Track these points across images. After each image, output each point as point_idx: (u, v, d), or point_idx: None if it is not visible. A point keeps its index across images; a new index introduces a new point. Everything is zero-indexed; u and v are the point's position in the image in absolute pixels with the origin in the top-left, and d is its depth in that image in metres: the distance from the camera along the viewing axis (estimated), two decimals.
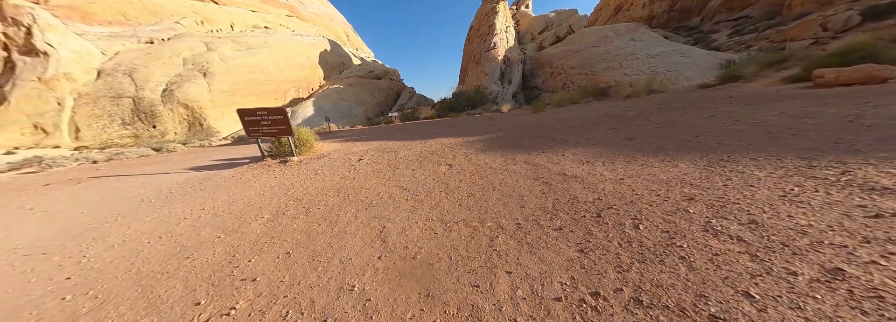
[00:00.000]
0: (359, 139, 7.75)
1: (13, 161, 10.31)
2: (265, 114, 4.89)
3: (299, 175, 4.29)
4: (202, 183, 4.16)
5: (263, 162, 5.06)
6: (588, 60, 17.39)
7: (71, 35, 18.54)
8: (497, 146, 4.73)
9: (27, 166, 8.81)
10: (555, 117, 7.59)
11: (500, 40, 21.81)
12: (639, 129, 4.35)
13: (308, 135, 5.57)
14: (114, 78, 18.63)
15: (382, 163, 4.55)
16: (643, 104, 7.32)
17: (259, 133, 4.97)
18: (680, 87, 11.16)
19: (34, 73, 17.07)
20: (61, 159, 9.23)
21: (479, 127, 7.67)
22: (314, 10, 29.92)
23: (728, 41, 17.26)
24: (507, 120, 8.77)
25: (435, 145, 5.52)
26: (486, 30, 22.94)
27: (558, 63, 19.28)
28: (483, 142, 5.30)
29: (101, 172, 5.75)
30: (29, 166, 8.71)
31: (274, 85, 21.87)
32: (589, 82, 16.33)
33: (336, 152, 5.68)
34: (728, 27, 20.06)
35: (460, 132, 7.06)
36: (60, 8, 18.60)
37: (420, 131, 8.39)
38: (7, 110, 16.43)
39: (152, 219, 3.01)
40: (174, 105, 18.75)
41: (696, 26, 22.60)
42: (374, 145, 6.30)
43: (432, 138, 6.51)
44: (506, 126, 7.15)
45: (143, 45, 20.40)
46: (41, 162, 8.72)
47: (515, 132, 5.91)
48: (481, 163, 3.83)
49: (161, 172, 5.14)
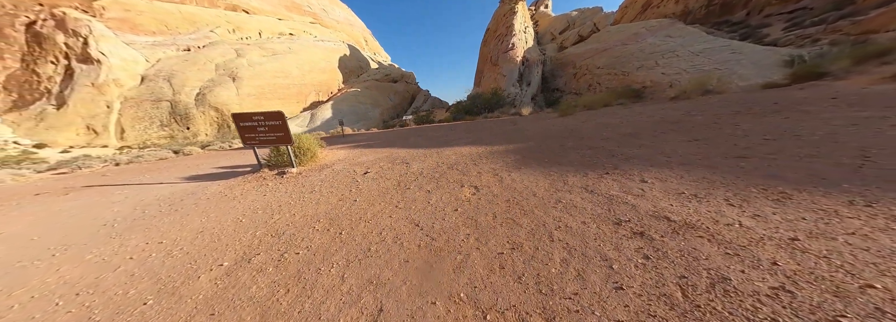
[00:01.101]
0: (369, 145, 6.93)
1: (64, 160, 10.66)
2: (262, 119, 4.16)
3: (292, 193, 3.47)
4: (183, 200, 3.46)
5: (260, 173, 4.33)
6: (617, 59, 15.63)
7: (120, 44, 19.65)
8: (533, 161, 3.64)
9: (63, 166, 8.89)
10: (592, 122, 6.32)
11: (519, 41, 20.48)
12: (737, 142, 3.08)
13: (310, 143, 4.79)
14: (155, 83, 19.49)
15: (391, 179, 3.63)
16: (705, 106, 5.87)
17: (255, 141, 4.25)
18: (735, 86, 9.36)
19: (89, 78, 18.17)
20: (91, 160, 9.31)
21: (502, 133, 6.57)
22: (336, 16, 30.18)
23: (786, 36, 14.79)
24: (533, 124, 7.58)
25: (453, 156, 4.53)
26: (503, 31, 21.70)
27: (582, 63, 17.62)
28: (512, 153, 4.22)
29: (103, 179, 5.35)
30: (63, 167, 8.79)
31: (296, 89, 22.01)
32: (619, 83, 14.61)
33: (341, 163, 4.85)
34: (782, 20, 17.36)
35: (481, 139, 6.01)
36: (113, 20, 19.78)
37: (436, 137, 7.43)
38: (66, 113, 17.57)
39: (94, 257, 2.26)
40: (206, 108, 19.27)
41: (740, 21, 19.89)
42: (385, 154, 5.42)
43: (450, 146, 5.52)
44: (534, 132, 6.01)
45: (181, 52, 21.30)
46: (72, 163, 8.78)
47: (551, 141, 4.76)
48: (518, 186, 2.78)
49: (154, 182, 4.58)
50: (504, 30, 21.57)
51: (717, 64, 12.11)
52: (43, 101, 17.57)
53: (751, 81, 10.15)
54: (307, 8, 28.14)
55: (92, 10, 19.39)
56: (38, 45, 17.79)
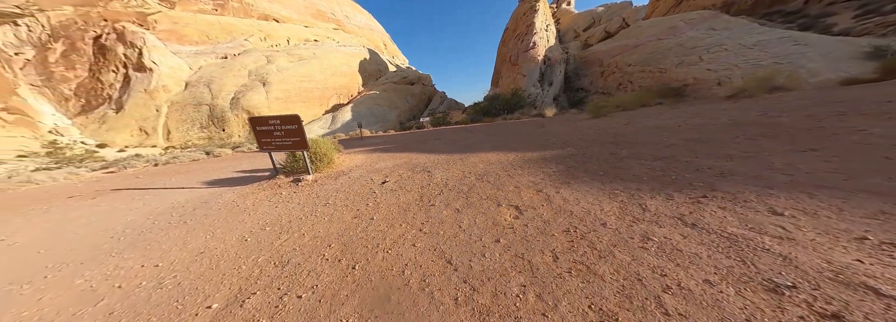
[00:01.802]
0: (387, 149, 6.52)
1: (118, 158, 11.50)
2: (278, 123, 3.84)
3: (305, 205, 3.07)
4: (195, 210, 3.19)
5: (275, 180, 4.02)
6: (652, 56, 14.12)
7: (168, 53, 21.25)
8: (583, 173, 2.95)
9: (113, 166, 9.45)
10: (637, 124, 5.41)
11: (540, 39, 19.38)
12: (890, 154, 2.19)
13: (327, 148, 4.42)
14: (197, 88, 20.82)
15: (412, 191, 3.11)
16: (782, 106, 4.76)
17: (271, 146, 3.95)
18: (805, 83, 7.84)
19: (142, 85, 19.78)
20: (137, 160, 9.87)
21: (530, 136, 5.85)
22: (357, 22, 30.75)
23: (860, 24, 12.54)
24: (563, 127, 6.76)
25: (481, 164, 3.93)
26: (523, 29, 20.69)
27: (611, 61, 16.21)
28: (551, 162, 3.54)
29: (135, 181, 5.39)
30: (113, 167, 9.36)
31: (319, 92, 22.54)
32: (654, 81, 13.16)
33: (357, 169, 4.44)
34: (850, 8, 14.81)
35: (507, 143, 5.35)
36: (163, 31, 21.45)
37: (456, 140, 6.86)
38: (123, 116, 19.24)
39: (83, 282, 1.95)
40: (239, 111, 20.24)
41: (796, 10, 17.32)
42: (404, 159, 4.95)
43: (474, 152, 4.93)
44: (568, 136, 5.23)
45: (219, 60, 22.65)
46: (118, 164, 9.31)
47: (595, 147, 4.01)
48: (574, 208, 2.13)
49: (176, 186, 4.45)
50: (524, 28, 20.57)
51: (777, 57, 10.41)
52: (105, 106, 19.36)
53: (822, 77, 8.51)
54: (331, 15, 28.91)
55: (146, 23, 21.10)
56: (103, 56, 19.64)
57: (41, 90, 18.46)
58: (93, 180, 6.21)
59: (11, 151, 14.31)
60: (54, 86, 18.80)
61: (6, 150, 14.28)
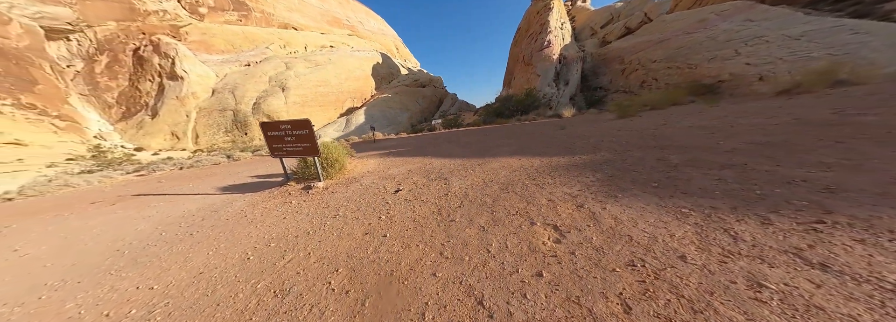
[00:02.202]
0: (400, 153, 6.24)
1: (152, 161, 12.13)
2: (289, 128, 3.65)
3: (314, 216, 2.81)
4: (203, 221, 3.03)
5: (286, 187, 3.83)
6: (679, 51, 13.07)
7: (198, 62, 22.48)
8: (629, 183, 2.48)
9: (144, 169, 9.90)
10: (677, 125, 4.78)
11: (555, 38, 18.63)
12: None
13: (338, 153, 4.19)
14: (222, 95, 21.85)
15: (429, 203, 2.77)
16: (861, 103, 3.99)
17: (282, 151, 3.77)
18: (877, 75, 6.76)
19: (174, 92, 21.01)
20: (165, 164, 10.30)
21: (553, 139, 5.35)
22: (370, 27, 31.26)
23: None
24: (588, 128, 6.19)
25: (503, 171, 3.53)
26: (537, 28, 20.00)
27: (632, 57, 15.21)
28: (586, 170, 3.08)
29: (156, 186, 5.45)
30: (144, 170, 9.80)
31: (334, 96, 22.96)
32: (683, 77, 12.13)
33: (370, 175, 4.17)
34: None
35: (529, 147, 4.89)
36: (193, 42, 22.75)
37: (471, 143, 6.47)
38: (157, 121, 20.50)
39: (73, 307, 1.76)
40: (260, 115, 20.98)
41: None
42: (417, 164, 4.63)
43: (493, 156, 4.52)
44: (599, 139, 4.70)
45: (242, 67, 23.70)
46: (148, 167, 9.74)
47: (635, 151, 3.49)
48: (635, 234, 1.69)
49: (192, 192, 4.39)
50: (538, 27, 19.90)
51: (831, 48, 9.19)
52: (142, 112, 20.71)
53: (890, 68, 7.34)
54: (346, 21, 29.57)
55: (178, 35, 22.46)
56: (141, 67, 21.07)
57: (88, 99, 20.04)
58: (122, 184, 6.40)
59: (62, 155, 15.45)
60: (99, 95, 20.37)
61: (58, 153, 15.43)
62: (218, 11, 24.06)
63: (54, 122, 16.98)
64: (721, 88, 10.55)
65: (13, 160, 13.28)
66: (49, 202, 4.71)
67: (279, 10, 26.78)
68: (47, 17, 18.71)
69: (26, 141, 15.19)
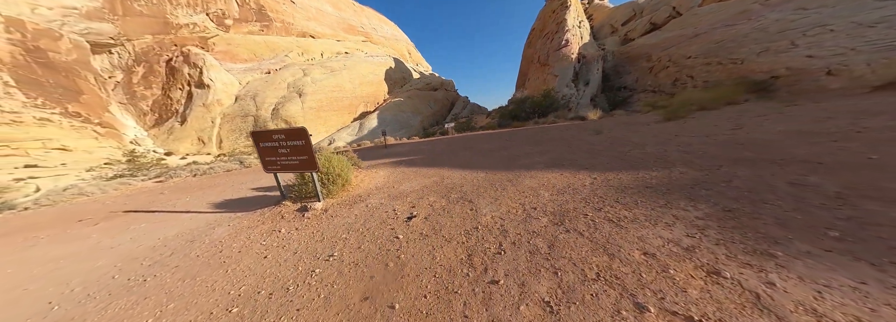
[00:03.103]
0: (413, 162, 5.47)
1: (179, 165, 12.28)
2: (282, 138, 2.98)
3: (301, 258, 2.07)
4: (172, 256, 2.38)
5: (279, 208, 3.15)
6: (720, 45, 11.53)
7: (223, 71, 23.23)
8: (776, 225, 1.51)
9: (162, 176, 9.83)
10: (759, 130, 3.66)
11: (573, 36, 17.41)
12: None
13: (342, 166, 3.48)
14: (244, 101, 22.37)
15: (453, 242, 1.95)
16: None
17: (276, 166, 3.11)
18: None
19: (201, 100, 21.74)
20: (183, 169, 10.23)
21: (593, 147, 4.37)
22: (384, 33, 31.29)
23: None
24: (633, 133, 5.13)
25: (545, 192, 2.64)
26: (553, 27, 18.85)
27: (662, 54, 13.73)
28: (673, 195, 2.12)
29: (158, 198, 5.02)
30: (162, 176, 9.74)
31: (348, 101, 22.89)
32: (726, 74, 10.61)
33: (378, 193, 3.42)
34: None
35: (566, 157, 3.95)
36: (219, 52, 23.58)
37: (492, 151, 5.59)
38: (186, 127, 21.25)
39: None
40: (278, 121, 21.22)
41: None
42: (433, 178, 3.83)
43: (524, 169, 3.64)
44: (658, 147, 3.69)
45: (263, 75, 24.26)
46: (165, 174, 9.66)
47: (733, 168, 2.47)
48: None
49: (183, 210, 3.84)
50: (554, 26, 18.76)
51: None
52: (172, 119, 21.56)
53: None
54: (361, 28, 29.75)
55: (206, 46, 23.34)
56: (172, 76, 22.01)
57: (126, 107, 21.12)
58: (130, 194, 6.10)
59: (101, 160, 16.09)
60: (136, 103, 21.43)
61: (98, 158, 16.07)
62: (242, 22, 24.88)
63: (96, 128, 17.84)
64: (776, 85, 9.00)
65: (58, 165, 13.85)
66: (45, 216, 4.36)
67: (298, 19, 27.36)
68: (93, 32, 19.98)
69: (71, 146, 15.87)
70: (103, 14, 20.32)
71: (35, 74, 16.67)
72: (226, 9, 23.76)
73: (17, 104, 14.89)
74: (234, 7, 24.11)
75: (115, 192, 6.81)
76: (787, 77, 8.82)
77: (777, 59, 9.44)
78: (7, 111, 13.91)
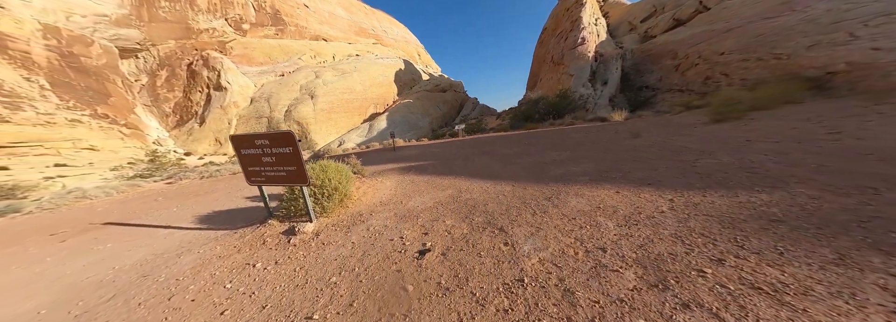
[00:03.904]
0: (424, 168, 4.77)
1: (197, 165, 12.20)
2: (267, 143, 2.35)
3: (276, 311, 1.41)
4: (114, 298, 1.79)
5: (263, 229, 2.53)
6: (760, 39, 10.23)
7: (239, 74, 23.48)
8: None
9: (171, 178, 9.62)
10: (873, 135, 2.73)
11: (590, 34, 16.30)
12: None
13: (340, 177, 2.81)
14: (259, 103, 22.48)
15: (489, 304, 1.22)
16: None
17: (260, 177, 2.49)
18: None
19: (219, 102, 22.01)
20: (190, 173, 10.02)
21: (639, 154, 3.53)
22: (394, 36, 30.98)
23: None
24: (677, 137, 4.22)
25: (604, 219, 1.86)
26: (567, 26, 17.77)
27: (690, 51, 12.47)
28: (834, 234, 1.30)
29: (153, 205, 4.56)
30: (173, 177, 9.53)
31: (359, 102, 22.59)
32: (769, 70, 9.36)
33: (382, 210, 2.74)
34: None
35: (612, 168, 3.13)
36: (236, 56, 23.87)
37: (512, 156, 4.81)
38: (204, 129, 21.54)
39: None
40: (291, 122, 21.17)
41: None
42: (449, 191, 3.12)
43: (561, 182, 2.86)
44: (735, 155, 2.81)
45: (277, 77, 24.38)
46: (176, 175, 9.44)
47: (892, 191, 1.63)
48: None
49: (163, 224, 3.31)
50: (568, 25, 17.70)
51: None
52: (192, 121, 21.91)
53: None
54: (371, 31, 29.56)
55: (224, 50, 23.67)
56: (193, 79, 22.40)
57: (150, 109, 21.63)
58: (129, 198, 5.73)
59: (126, 159, 16.33)
60: (159, 105, 21.94)
61: (123, 157, 16.33)
62: (258, 27, 25.13)
63: (122, 129, 18.22)
64: (832, 82, 7.73)
65: (85, 164, 14.05)
66: (25, 226, 3.97)
67: (311, 23, 27.44)
68: (122, 38, 20.59)
69: (98, 146, 16.13)
70: (131, 21, 20.90)
71: (68, 78, 17.14)
72: (243, 14, 24.06)
73: (51, 106, 15.27)
74: (250, 12, 24.39)
75: (118, 195, 6.50)
76: (849, 73, 7.54)
77: (833, 54, 8.14)
78: (42, 113, 14.27)
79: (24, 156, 12.47)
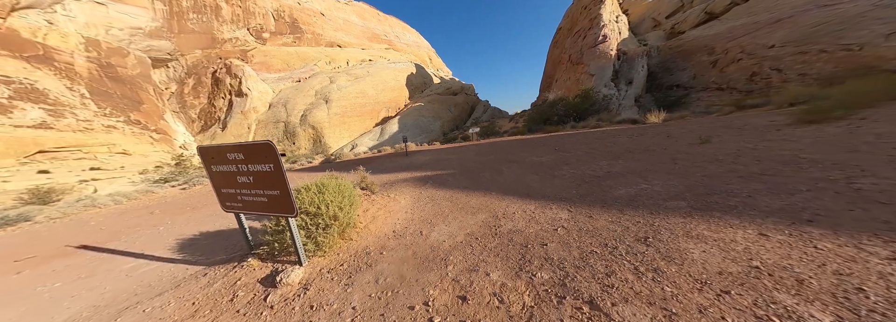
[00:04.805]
0: (443, 181, 3.96)
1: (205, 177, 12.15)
2: (241, 158, 1.66)
3: None
4: None
5: (237, 272, 1.83)
6: (821, 29, 8.77)
7: (259, 81, 23.94)
8: None
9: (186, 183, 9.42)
10: None
11: (611, 32, 15.08)
12: None
13: (342, 201, 2.04)
14: (277, 108, 22.74)
15: None
16: None
17: (237, 203, 1.80)
18: None
19: (240, 108, 22.45)
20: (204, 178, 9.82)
21: (743, 168, 2.54)
22: (406, 40, 30.82)
23: None
24: (768, 143, 3.17)
25: (788, 298, 0.97)
26: (585, 24, 16.61)
27: (730, 45, 11.04)
28: None
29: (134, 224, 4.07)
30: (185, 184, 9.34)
31: (371, 106, 22.33)
32: (836, 64, 7.91)
33: (397, 244, 1.95)
34: None
35: (710, 187, 2.18)
36: (256, 63, 24.41)
37: (547, 165, 3.92)
38: (226, 133, 21.98)
39: None
40: (306, 127, 21.18)
41: None
42: (482, 216, 2.30)
43: (645, 208, 1.96)
44: (878, 168, 1.82)
45: (294, 83, 24.69)
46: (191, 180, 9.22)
47: None
48: None
49: (140, 252, 2.71)
50: (586, 23, 16.53)
51: None
52: (215, 126, 22.43)
53: None
54: (384, 36, 29.55)
55: (246, 58, 24.25)
56: (216, 86, 23.02)
57: (178, 115, 22.37)
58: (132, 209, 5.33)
59: (154, 163, 16.70)
60: (186, 111, 22.68)
61: (152, 161, 16.70)
62: (277, 35, 25.67)
63: (152, 135, 18.77)
64: None
65: (117, 168, 14.37)
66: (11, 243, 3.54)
67: (327, 30, 27.77)
68: (154, 49, 21.53)
69: (131, 151, 16.57)
70: (162, 32, 21.82)
71: (105, 87, 17.87)
72: (264, 23, 24.66)
73: (90, 113, 15.87)
74: (270, 21, 24.96)
75: (127, 202, 6.17)
76: None
77: None
78: (82, 119, 14.82)
79: (65, 160, 12.84)
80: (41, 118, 12.97)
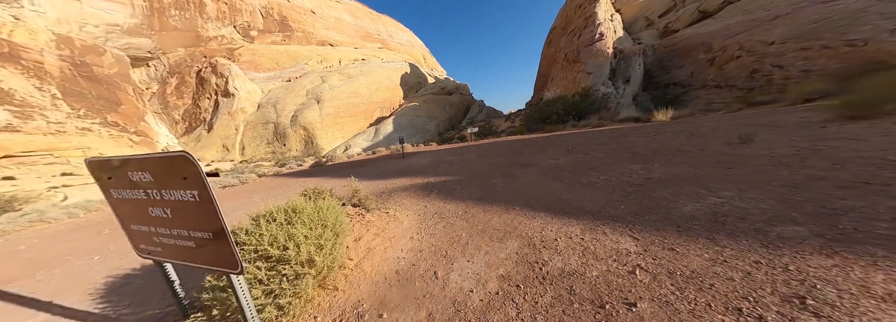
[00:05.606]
0: (451, 191, 3.30)
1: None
2: (149, 179, 0.96)
3: None
4: None
5: None
6: (822, 25, 8.53)
7: (247, 80, 22.58)
8: None
9: None
10: None
11: (607, 30, 14.70)
12: None
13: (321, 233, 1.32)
14: (266, 109, 21.47)
15: None
16: None
17: (156, 248, 1.11)
18: None
19: (226, 108, 21.07)
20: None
21: (819, 174, 2.00)
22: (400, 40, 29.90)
23: None
24: (809, 142, 2.67)
25: None
26: (580, 23, 16.22)
27: (728, 43, 10.78)
28: None
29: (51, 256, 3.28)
30: None
31: (365, 106, 21.40)
32: (840, 59, 7.65)
33: (402, 299, 1.30)
34: None
35: (814, 202, 1.61)
36: (244, 62, 23.01)
37: (566, 170, 3.33)
38: (212, 135, 20.61)
39: None
40: (297, 127, 20.06)
41: None
42: (513, 246, 1.67)
43: (750, 236, 1.35)
44: None
45: (284, 83, 23.44)
46: None
47: None
48: None
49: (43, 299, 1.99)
50: (581, 22, 16.13)
51: None
52: (201, 127, 21.02)
53: None
54: (377, 35, 28.54)
55: (233, 56, 22.80)
56: (201, 86, 21.56)
57: (160, 116, 20.82)
58: (72, 229, 4.46)
59: None
60: (169, 112, 21.14)
61: None
62: (266, 33, 24.29)
63: (131, 137, 17.28)
64: None
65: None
66: None
67: (318, 28, 26.53)
68: (133, 47, 19.90)
69: (108, 154, 15.19)
70: (142, 30, 20.20)
71: (79, 87, 16.29)
72: (251, 21, 23.26)
73: (62, 115, 14.37)
74: (258, 19, 23.58)
75: (83, 216, 5.25)
76: None
77: None
78: (53, 122, 13.36)
79: (34, 165, 11.49)
80: (6, 120, 11.56)
